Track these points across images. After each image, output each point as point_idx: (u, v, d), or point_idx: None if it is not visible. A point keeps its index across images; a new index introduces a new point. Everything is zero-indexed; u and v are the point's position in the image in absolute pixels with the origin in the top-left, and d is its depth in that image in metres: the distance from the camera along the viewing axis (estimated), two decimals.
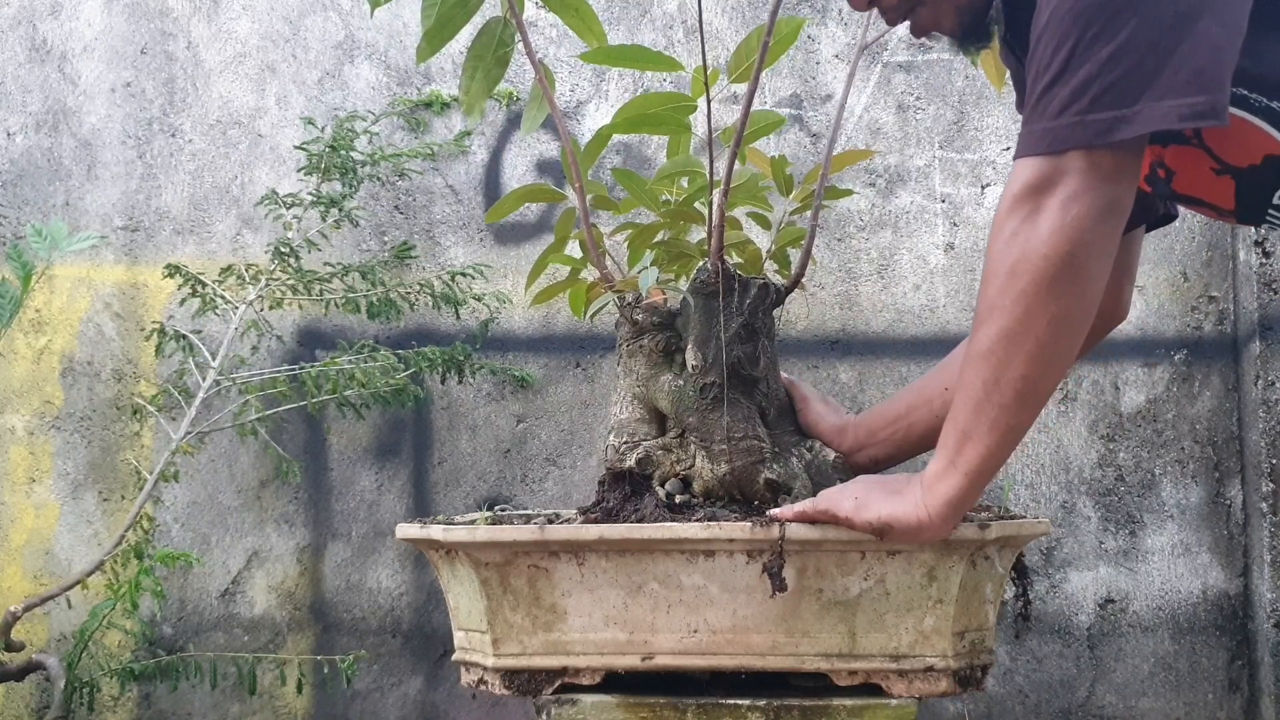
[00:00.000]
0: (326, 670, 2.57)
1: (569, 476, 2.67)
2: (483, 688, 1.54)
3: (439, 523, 1.57)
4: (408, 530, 1.60)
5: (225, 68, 2.80)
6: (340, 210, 2.57)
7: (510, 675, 1.50)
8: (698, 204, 1.71)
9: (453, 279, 2.60)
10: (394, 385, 2.47)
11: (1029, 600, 1.60)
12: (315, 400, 2.49)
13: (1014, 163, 1.32)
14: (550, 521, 1.53)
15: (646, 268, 1.61)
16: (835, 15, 2.73)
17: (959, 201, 2.67)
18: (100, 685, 2.54)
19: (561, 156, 2.28)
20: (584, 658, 1.48)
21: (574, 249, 1.81)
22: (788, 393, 1.66)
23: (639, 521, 1.49)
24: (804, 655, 1.45)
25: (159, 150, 2.78)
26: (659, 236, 1.73)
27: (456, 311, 2.61)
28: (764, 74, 1.69)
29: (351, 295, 2.54)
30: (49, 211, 2.76)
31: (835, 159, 1.73)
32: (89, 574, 2.41)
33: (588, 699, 1.48)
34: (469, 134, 2.74)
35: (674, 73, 1.70)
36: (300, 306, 2.68)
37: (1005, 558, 1.52)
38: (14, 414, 2.72)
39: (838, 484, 1.49)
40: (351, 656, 2.47)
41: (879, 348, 2.65)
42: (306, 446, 2.69)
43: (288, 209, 2.59)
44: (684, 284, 1.64)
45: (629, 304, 1.64)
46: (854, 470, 1.61)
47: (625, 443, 1.60)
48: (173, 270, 2.55)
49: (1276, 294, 2.49)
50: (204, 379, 2.48)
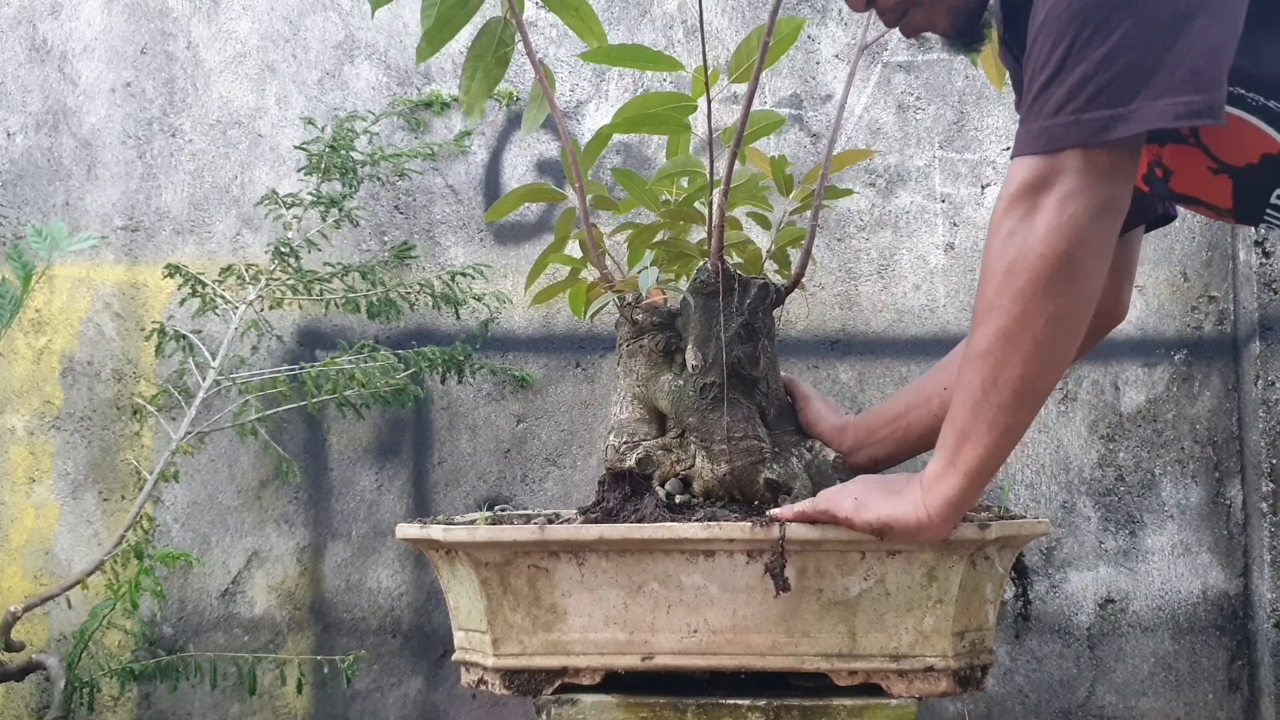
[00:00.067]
0: (326, 670, 2.57)
1: (569, 476, 2.67)
2: (483, 688, 1.54)
3: (439, 523, 1.57)
4: (408, 530, 1.60)
5: (225, 68, 2.80)
6: (340, 210, 2.57)
7: (510, 675, 1.50)
8: (698, 204, 1.71)
9: (453, 279, 2.60)
10: (394, 385, 2.47)
11: (1029, 600, 1.60)
12: (315, 400, 2.49)
13: (1011, 161, 1.32)
14: (550, 521, 1.53)
15: (646, 268, 1.61)
16: (835, 15, 2.73)
17: (959, 201, 2.67)
18: (100, 685, 2.54)
19: (561, 156, 2.28)
20: (584, 658, 1.48)
21: (574, 249, 1.81)
22: (788, 392, 1.67)
23: (639, 521, 1.49)
24: (804, 655, 1.45)
25: (159, 150, 2.78)
26: (659, 236, 1.73)
27: (456, 311, 2.61)
28: (764, 74, 1.69)
29: (351, 295, 2.54)
30: (49, 211, 2.76)
31: (835, 159, 1.73)
32: (89, 574, 2.41)
33: (588, 699, 1.48)
34: (469, 134, 2.74)
35: (674, 72, 1.70)
36: (300, 306, 2.68)
37: (1005, 558, 1.53)
38: (14, 414, 2.72)
39: (837, 484, 1.49)
40: (351, 656, 2.47)
41: (879, 348, 2.65)
42: (306, 446, 2.69)
43: (288, 209, 2.59)
44: (684, 284, 1.64)
45: (629, 304, 1.64)
46: (853, 470, 1.61)
47: (625, 443, 1.60)
48: (173, 270, 2.55)
49: (1276, 294, 2.49)
50: (204, 379, 2.48)
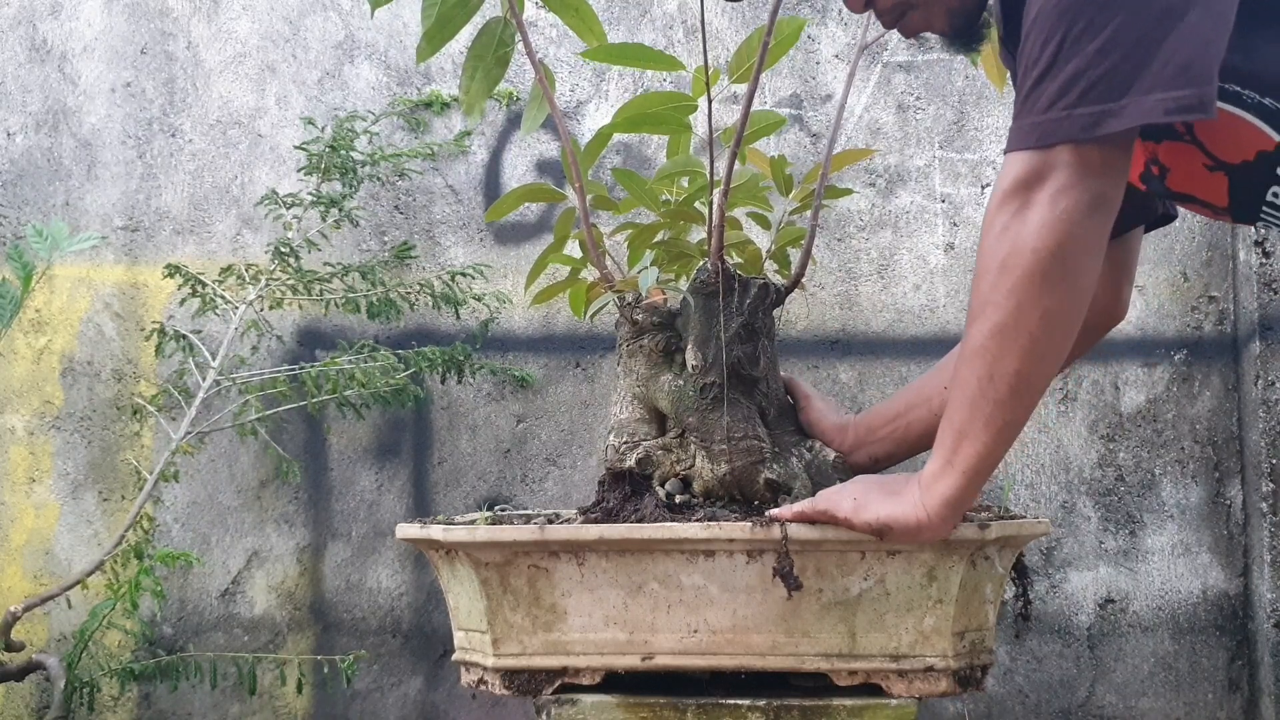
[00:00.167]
0: (326, 670, 2.57)
1: (569, 476, 2.67)
2: (483, 688, 1.54)
3: (439, 523, 1.57)
4: (408, 530, 1.60)
5: (225, 68, 2.80)
6: (340, 210, 2.57)
7: (510, 675, 1.50)
8: (698, 204, 1.71)
9: (453, 279, 2.60)
10: (394, 385, 2.47)
11: (1029, 600, 1.60)
12: (315, 400, 2.49)
13: (1004, 157, 1.32)
14: (550, 521, 1.53)
15: (646, 268, 1.61)
16: (835, 15, 2.73)
17: (959, 201, 2.67)
18: (100, 685, 2.54)
19: (561, 156, 2.28)
20: (584, 658, 1.48)
21: (574, 249, 1.81)
22: (788, 391, 1.67)
23: (639, 521, 1.49)
24: (804, 655, 1.45)
25: (159, 150, 2.78)
26: (659, 236, 1.73)
27: (456, 311, 2.61)
28: (764, 74, 1.69)
29: (351, 295, 2.54)
30: (49, 211, 2.76)
31: (835, 158, 1.73)
32: (89, 574, 2.41)
33: (588, 699, 1.48)
34: (469, 134, 2.74)
35: (674, 72, 1.70)
36: (300, 306, 2.68)
37: (1005, 558, 1.52)
38: (14, 414, 2.72)
39: (837, 484, 1.49)
40: (351, 656, 2.47)
41: (879, 348, 2.65)
42: (306, 446, 2.69)
43: (288, 209, 2.59)
44: (684, 284, 1.64)
45: (629, 304, 1.64)
46: (854, 469, 1.61)
47: (625, 443, 1.60)
48: (173, 270, 2.55)
49: (1276, 294, 2.49)
50: (204, 379, 2.48)
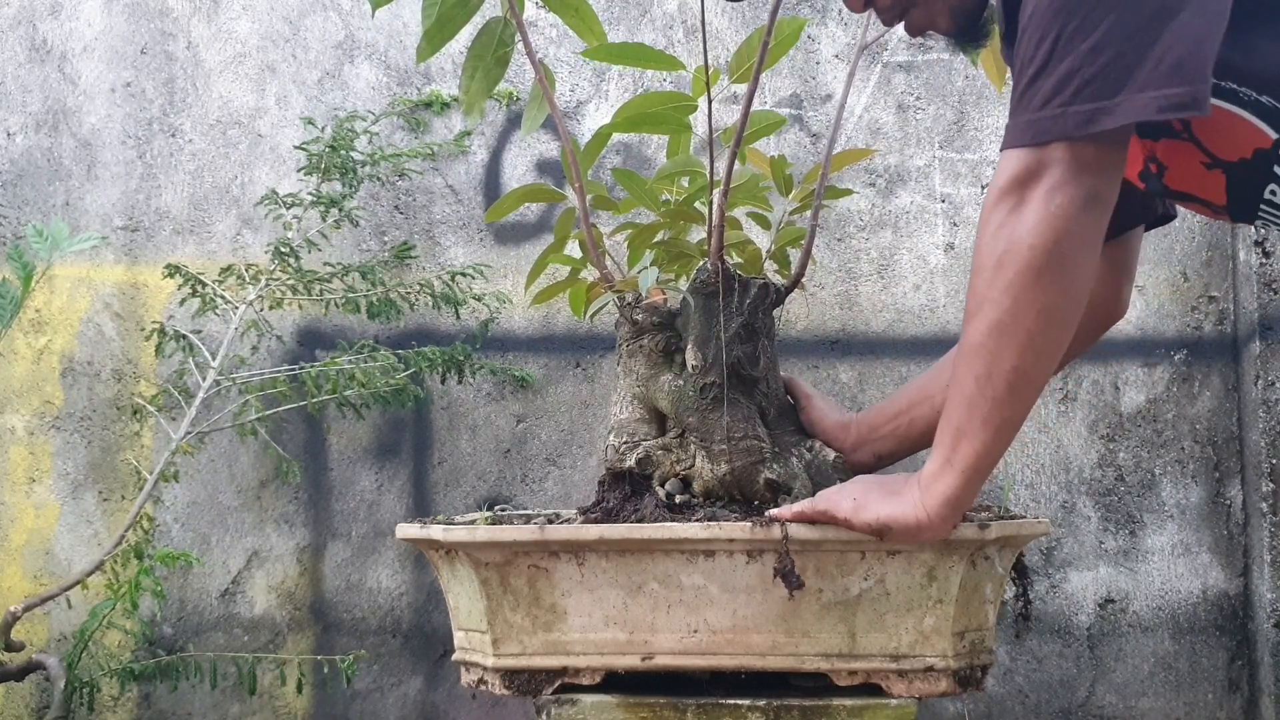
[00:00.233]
0: (326, 670, 2.57)
1: (569, 476, 2.67)
2: (483, 688, 1.54)
3: (439, 523, 1.57)
4: (408, 530, 1.60)
5: (225, 68, 2.80)
6: (340, 210, 2.57)
7: (510, 675, 1.50)
8: (698, 204, 1.71)
9: (453, 279, 2.60)
10: (394, 385, 2.47)
11: (1029, 600, 1.60)
12: (315, 400, 2.49)
13: (1000, 155, 1.32)
14: (550, 521, 1.53)
15: (646, 268, 1.61)
16: (835, 15, 2.73)
17: (959, 201, 2.67)
18: (100, 685, 2.54)
19: (561, 156, 2.28)
20: (584, 658, 1.48)
21: (574, 249, 1.81)
22: (788, 391, 1.67)
23: (639, 521, 1.49)
24: (804, 655, 1.45)
25: (159, 150, 2.78)
26: (659, 236, 1.73)
27: (456, 311, 2.61)
28: (764, 74, 1.69)
29: (351, 295, 2.54)
30: (49, 211, 2.76)
31: (835, 158, 1.73)
32: (89, 574, 2.41)
33: (588, 699, 1.48)
34: (469, 134, 2.74)
35: (674, 72, 1.70)
36: (300, 306, 2.68)
37: (1005, 558, 1.52)
38: (14, 414, 2.72)
39: (837, 484, 1.49)
40: (351, 656, 2.47)
41: (879, 348, 2.65)
42: (306, 446, 2.69)
43: (288, 209, 2.59)
44: (684, 284, 1.64)
45: (629, 304, 1.64)
46: (856, 467, 1.61)
47: (625, 443, 1.60)
48: (173, 270, 2.55)
49: (1276, 294, 2.49)
50: (204, 379, 2.48)
